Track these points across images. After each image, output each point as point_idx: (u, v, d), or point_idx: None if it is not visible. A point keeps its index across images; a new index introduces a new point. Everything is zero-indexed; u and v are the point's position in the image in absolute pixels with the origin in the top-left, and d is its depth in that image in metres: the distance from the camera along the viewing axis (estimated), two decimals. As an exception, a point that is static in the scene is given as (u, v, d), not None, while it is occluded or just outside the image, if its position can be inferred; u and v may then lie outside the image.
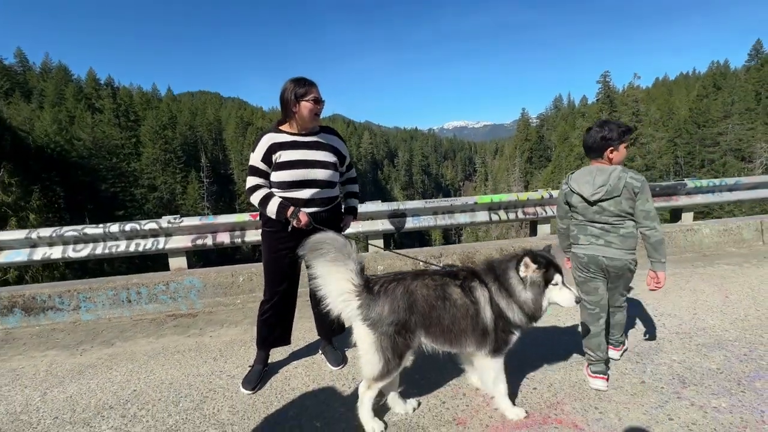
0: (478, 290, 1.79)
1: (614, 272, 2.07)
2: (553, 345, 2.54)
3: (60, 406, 2.16)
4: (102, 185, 40.51)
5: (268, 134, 2.14)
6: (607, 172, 1.98)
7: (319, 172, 2.16)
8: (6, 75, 54.25)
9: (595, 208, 2.02)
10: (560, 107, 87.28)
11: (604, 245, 2.04)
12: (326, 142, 2.22)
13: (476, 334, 1.77)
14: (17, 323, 3.32)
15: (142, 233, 3.69)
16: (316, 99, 2.09)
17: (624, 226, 2.01)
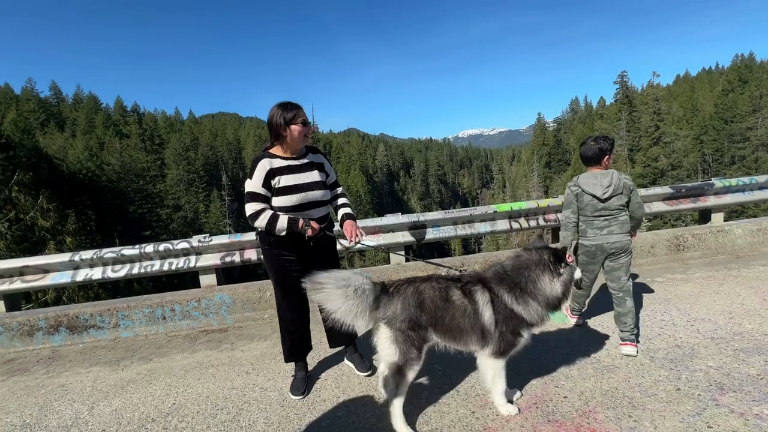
0: (479, 293, 1.91)
1: (616, 251, 2.54)
2: (580, 352, 2.51)
3: (107, 419, 2.29)
4: (130, 207, 42.23)
5: (263, 160, 2.20)
6: (608, 175, 2.50)
7: (315, 194, 2.28)
8: (42, 107, 57.87)
9: (603, 204, 2.49)
10: (577, 110, 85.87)
11: (607, 233, 2.53)
12: (315, 161, 2.34)
13: (476, 332, 1.90)
14: (62, 341, 3.52)
15: (175, 252, 3.87)
16: (304, 121, 2.19)
17: (622, 215, 2.53)
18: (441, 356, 2.57)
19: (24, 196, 12.74)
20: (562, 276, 1.90)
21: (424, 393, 2.22)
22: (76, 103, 64.88)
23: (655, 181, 36.75)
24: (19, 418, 2.39)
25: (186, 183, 48.61)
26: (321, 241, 2.29)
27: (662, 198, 4.60)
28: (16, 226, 11.89)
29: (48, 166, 33.12)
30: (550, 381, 2.23)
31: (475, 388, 2.22)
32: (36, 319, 3.52)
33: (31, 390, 2.76)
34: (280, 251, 2.25)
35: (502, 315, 1.88)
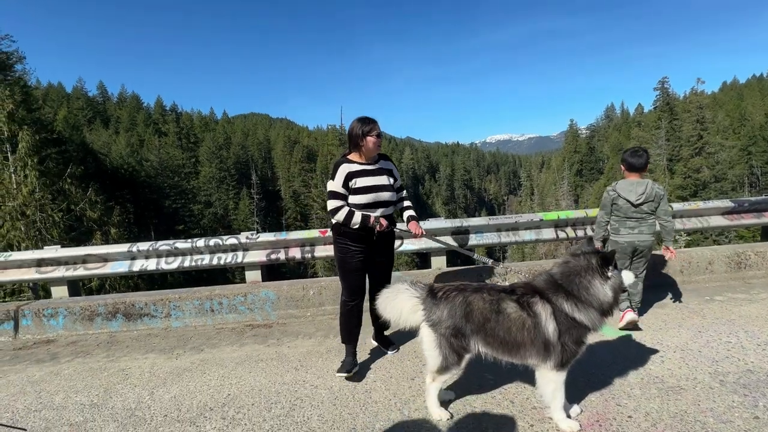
0: (539, 305, 1.88)
1: (642, 249, 2.98)
2: (639, 370, 2.40)
3: (167, 405, 2.39)
4: (165, 201, 44.14)
5: (343, 165, 2.59)
6: (643, 184, 2.91)
7: (384, 195, 2.64)
8: (90, 105, 61.54)
9: (635, 208, 2.91)
10: (613, 117, 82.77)
11: (638, 233, 2.95)
12: (385, 167, 2.72)
13: (536, 346, 1.87)
14: (119, 327, 3.71)
15: (224, 248, 4.01)
16: (378, 134, 2.59)
17: (650, 219, 2.95)
18: (491, 365, 2.53)
19: (75, 189, 13.58)
20: (611, 280, 1.86)
21: (477, 402, 2.19)
22: (121, 102, 68.66)
23: (696, 194, 34.84)
24: (86, 398, 2.54)
25: (218, 180, 50.33)
26: (382, 236, 2.67)
27: (722, 212, 4.35)
28: (67, 216, 12.69)
29: (94, 161, 35.18)
30: (610, 398, 2.14)
31: (530, 401, 2.16)
32: (96, 305, 3.73)
33: (95, 372, 2.92)
34: (346, 241, 2.63)
35: (564, 326, 1.85)
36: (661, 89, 46.06)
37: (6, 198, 11.68)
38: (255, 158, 64.19)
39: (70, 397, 2.56)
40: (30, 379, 2.88)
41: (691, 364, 2.45)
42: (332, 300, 3.83)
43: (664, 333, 2.91)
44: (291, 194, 58.26)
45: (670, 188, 37.73)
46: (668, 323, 3.08)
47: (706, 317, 3.15)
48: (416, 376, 2.51)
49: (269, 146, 72.44)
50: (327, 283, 3.87)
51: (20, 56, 20.31)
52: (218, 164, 51.58)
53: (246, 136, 70.56)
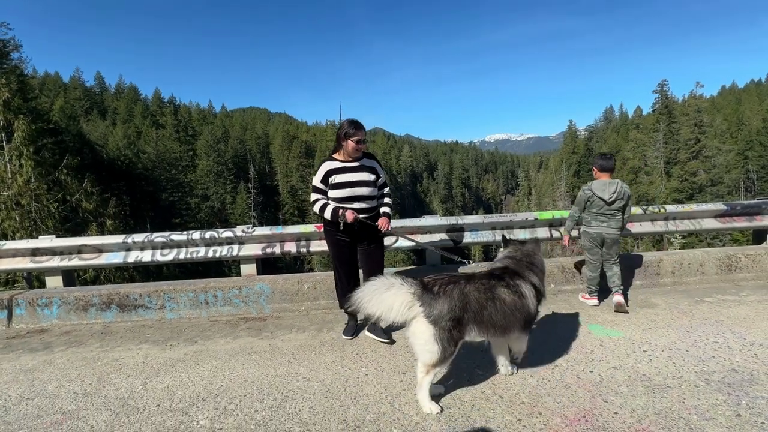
0: (523, 286, 2.17)
1: (610, 241, 3.41)
2: (627, 368, 2.44)
3: (160, 395, 2.41)
4: (162, 194, 43.92)
5: (325, 162, 2.89)
6: (614, 184, 3.30)
7: (362, 189, 2.86)
8: (87, 95, 61.01)
9: (607, 207, 3.29)
10: (611, 119, 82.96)
11: (606, 227, 3.36)
12: (367, 165, 2.92)
13: (521, 322, 2.17)
14: (113, 318, 3.72)
15: (219, 240, 4.02)
16: (358, 140, 2.81)
17: (618, 215, 3.34)
18: (483, 361, 2.58)
19: (71, 179, 13.50)
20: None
21: (466, 396, 2.22)
22: (118, 93, 68.09)
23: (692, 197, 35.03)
24: (80, 386, 2.55)
25: (215, 174, 50.12)
26: (367, 228, 2.88)
27: (714, 215, 4.40)
28: (62, 207, 12.62)
29: (90, 152, 34.93)
30: (598, 395, 2.18)
31: (519, 396, 2.20)
32: (91, 295, 3.74)
33: (88, 362, 2.93)
34: (335, 232, 2.90)
35: (537, 297, 2.25)
36: (660, 92, 46.18)
37: (1, 187, 11.60)
38: (253, 152, 63.91)
39: (63, 386, 2.57)
40: (23, 367, 2.89)
41: (678, 363, 2.49)
42: (327, 294, 3.85)
43: (653, 332, 2.95)
44: (288, 189, 58.12)
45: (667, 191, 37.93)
46: (658, 323, 3.12)
47: (695, 318, 3.19)
48: (408, 370, 2.54)
49: (268, 141, 72.14)
50: (322, 277, 3.88)
51: (16, 44, 20.09)
52: (216, 158, 51.34)
53: (244, 130, 70.23)
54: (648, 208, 4.32)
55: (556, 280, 4.04)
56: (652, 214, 4.31)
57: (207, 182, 49.08)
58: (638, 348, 2.72)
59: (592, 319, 3.27)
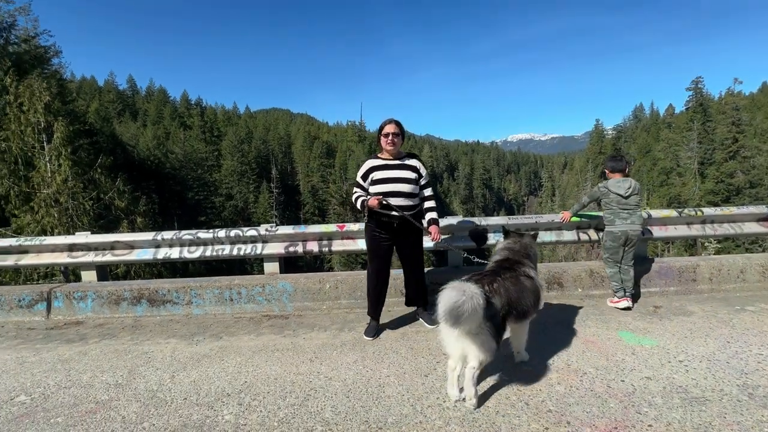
0: (531, 271, 2.41)
1: (634, 237, 3.42)
2: (662, 378, 2.32)
3: (187, 388, 2.47)
4: (189, 193, 45.42)
5: (369, 159, 3.07)
6: (628, 181, 3.45)
7: (402, 186, 2.96)
8: (120, 98, 63.80)
9: (625, 201, 3.40)
10: (641, 118, 79.85)
11: (630, 223, 3.40)
12: (409, 164, 3.04)
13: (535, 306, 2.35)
14: (143, 312, 3.86)
15: (244, 239, 4.10)
16: (386, 134, 2.97)
17: (638, 210, 3.44)
18: (507, 366, 2.52)
19: (104, 178, 14.14)
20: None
21: (491, 402, 2.17)
22: (149, 95, 70.87)
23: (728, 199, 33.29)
24: (112, 378, 2.65)
25: (239, 174, 51.37)
26: (407, 226, 2.99)
27: (757, 218, 4.14)
28: (96, 204, 13.23)
29: (122, 152, 36.50)
30: (630, 406, 2.08)
31: (546, 404, 2.13)
32: (122, 290, 3.89)
33: (120, 354, 3.04)
34: (374, 227, 3.03)
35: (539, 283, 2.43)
36: (694, 89, 44.13)
37: (41, 186, 12.27)
38: (275, 152, 65.13)
39: (97, 377, 2.67)
40: (60, 357, 3.03)
41: (718, 375, 2.35)
42: (348, 294, 3.86)
43: (689, 342, 2.80)
44: (309, 189, 58.92)
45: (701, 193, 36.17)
46: (694, 332, 2.96)
47: (735, 327, 3.01)
48: (430, 373, 2.51)
49: (289, 141, 73.35)
50: (343, 277, 3.90)
51: (57, 50, 21.19)
52: (240, 158, 52.63)
53: (267, 131, 71.67)
54: (684, 211, 4.12)
55: (584, 285, 3.90)
56: (688, 217, 4.10)
57: (231, 181, 50.37)
58: (673, 358, 2.58)
59: (623, 325, 3.14)
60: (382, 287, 3.15)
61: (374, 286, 3.13)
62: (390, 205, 2.91)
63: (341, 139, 72.67)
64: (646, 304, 3.61)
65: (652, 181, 47.36)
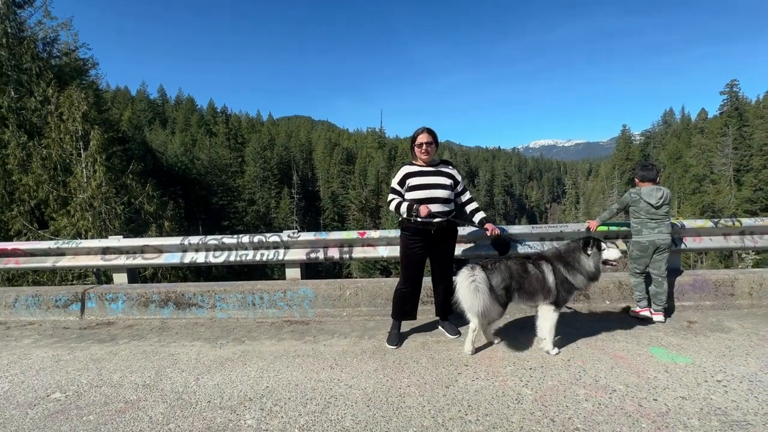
0: (544, 265, 2.82)
1: (663, 246, 3.35)
2: (698, 399, 2.19)
3: (211, 391, 2.51)
4: (213, 198, 46.75)
5: (405, 166, 3.10)
6: (661, 190, 3.37)
7: (439, 192, 3.01)
8: (150, 107, 66.67)
9: (654, 210, 3.34)
10: (671, 123, 76.94)
11: (658, 232, 3.35)
12: (444, 170, 3.09)
13: (543, 291, 2.79)
14: (170, 315, 3.98)
15: (267, 244, 4.17)
16: (420, 144, 3.02)
17: (666, 220, 3.38)
18: (532, 380, 2.45)
19: (135, 184, 14.76)
20: (591, 256, 2.79)
21: (515, 417, 2.11)
22: (177, 104, 73.77)
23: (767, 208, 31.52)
24: (140, 378, 2.74)
25: (261, 180, 52.56)
26: (443, 233, 3.05)
27: (801, 229, 3.89)
28: (127, 209, 13.82)
29: (152, 159, 38.02)
30: (663, 427, 1.98)
31: (573, 421, 2.05)
32: (151, 292, 4.02)
33: (148, 355, 3.14)
34: (410, 235, 3.04)
35: (559, 279, 2.79)
36: (729, 93, 42.25)
37: (78, 190, 12.91)
38: (297, 159, 66.34)
39: (126, 377, 2.77)
40: (93, 356, 3.16)
41: (761, 397, 2.21)
42: (368, 302, 3.86)
43: (728, 360, 2.65)
44: (329, 195, 59.60)
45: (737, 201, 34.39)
46: (733, 350, 2.80)
47: (779, 346, 2.83)
48: (451, 384, 2.47)
49: (310, 147, 74.60)
50: (364, 284, 3.91)
51: (94, 62, 22.36)
52: (262, 164, 53.88)
53: (289, 138, 73.16)
54: (720, 221, 3.92)
55: (612, 297, 3.77)
56: (724, 228, 3.90)
57: (253, 187, 51.57)
58: (710, 377, 2.45)
59: (655, 341, 3.00)
60: (417, 294, 3.19)
61: (411, 293, 3.14)
62: (433, 212, 2.95)
63: (361, 146, 73.33)
64: (680, 319, 3.45)
65: (683, 188, 45.42)
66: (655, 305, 3.38)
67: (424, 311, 3.54)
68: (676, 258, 3.91)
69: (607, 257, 2.82)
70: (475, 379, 2.52)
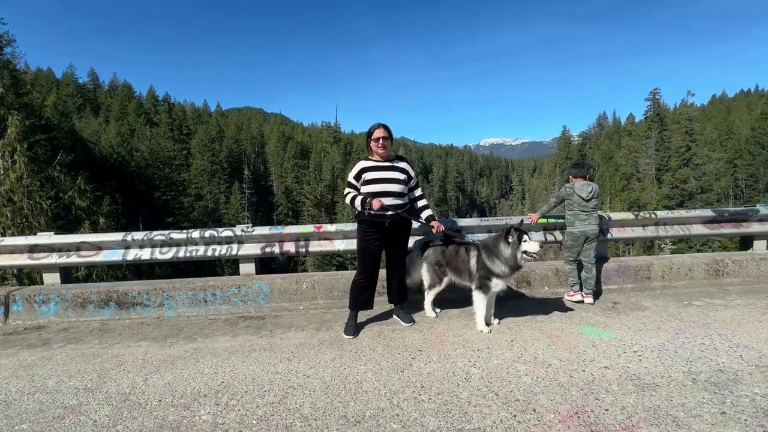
0: (472, 251, 3.25)
1: (592, 236, 3.77)
2: (618, 368, 2.52)
3: (161, 390, 2.43)
4: (155, 193, 43.50)
5: (361, 161, 3.22)
6: (590, 186, 3.77)
7: (393, 186, 3.15)
8: (80, 92, 60.36)
9: (585, 203, 3.73)
10: (604, 125, 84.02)
11: (588, 224, 3.75)
12: (398, 166, 3.23)
13: (467, 273, 3.24)
14: (111, 315, 3.73)
15: (219, 239, 4.04)
16: (377, 138, 3.14)
17: (595, 212, 3.78)
18: (479, 360, 2.65)
19: (64, 177, 13.38)
20: (510, 244, 3.05)
21: (463, 393, 2.28)
22: (112, 90, 67.45)
23: (682, 203, 35.61)
24: (80, 382, 2.57)
25: (209, 174, 49.80)
26: (396, 225, 3.21)
27: (703, 221, 4.53)
28: (55, 204, 12.49)
29: (83, 149, 34.54)
30: (590, 393, 2.26)
31: (514, 393, 2.26)
32: (89, 292, 3.74)
33: (88, 358, 2.94)
34: (366, 228, 3.17)
35: (480, 264, 3.16)
36: (652, 100, 46.93)
37: (-7, 183, 11.47)
38: (248, 152, 63.64)
39: (64, 382, 2.58)
40: (22, 363, 2.90)
41: (667, 363, 2.58)
42: (325, 294, 3.90)
43: (643, 334, 3.04)
44: (283, 190, 57.93)
45: (658, 197, 38.49)
46: (648, 325, 3.22)
47: (683, 320, 3.29)
48: (406, 368, 2.60)
49: (263, 141, 71.86)
50: (320, 277, 3.93)
51: (10, 39, 19.83)
52: (210, 157, 51.03)
53: (239, 130, 69.90)
54: (640, 214, 4.44)
55: (550, 283, 4.13)
56: (643, 219, 4.43)
57: (201, 181, 48.73)
58: (629, 349, 2.80)
59: (585, 320, 3.36)
60: (374, 284, 3.32)
61: (367, 284, 3.25)
62: (385, 206, 3.08)
63: (316, 140, 72.02)
64: (606, 301, 3.87)
65: (614, 185, 49.91)
66: (586, 289, 3.78)
67: (379, 302, 3.65)
68: (603, 247, 4.37)
69: (527, 249, 3.02)
70: (428, 362, 2.68)
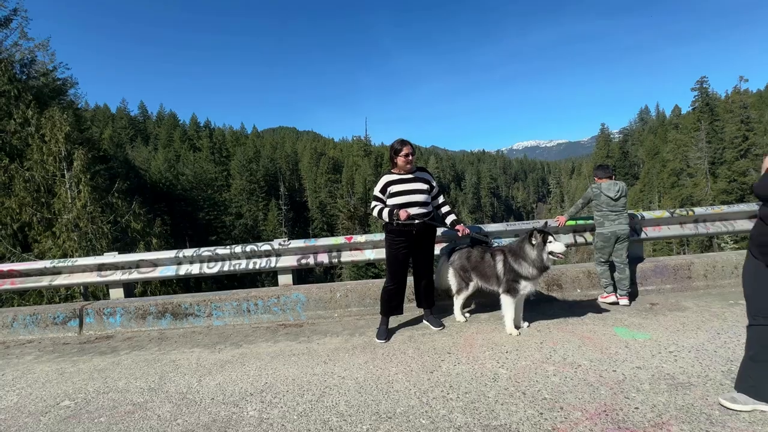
0: (497, 256, 3.31)
1: (623, 236, 3.70)
2: (651, 368, 2.49)
3: (213, 390, 2.70)
4: (199, 214, 46.22)
5: (385, 175, 3.39)
6: (618, 185, 3.73)
7: (417, 197, 3.31)
8: (132, 124, 65.84)
9: (614, 203, 3.69)
10: (647, 120, 79.50)
11: (618, 224, 3.69)
12: (421, 177, 3.39)
13: (494, 278, 3.30)
14: (167, 325, 4.13)
15: (259, 253, 4.37)
16: (405, 155, 3.29)
17: (625, 212, 3.74)
18: (507, 362, 2.71)
19: (121, 202, 14.70)
20: (535, 246, 3.07)
21: (491, 392, 2.36)
22: (159, 120, 73.01)
23: (742, 198, 32.84)
24: (145, 383, 2.90)
25: (248, 192, 52.29)
26: (422, 233, 3.35)
27: (748, 216, 4.28)
28: (114, 228, 13.74)
29: (136, 176, 37.55)
30: (619, 392, 2.26)
31: (542, 392, 2.31)
32: (148, 305, 4.17)
33: (150, 363, 3.30)
34: (394, 237, 3.33)
35: (507, 268, 3.20)
36: (699, 89, 44.00)
37: (62, 212, 12.82)
38: (283, 170, 66.21)
39: (131, 383, 2.93)
40: (96, 367, 3.30)
41: (705, 363, 2.51)
42: (357, 302, 4.09)
43: (681, 334, 2.96)
44: (317, 205, 59.55)
45: (714, 192, 35.70)
46: (687, 325, 3.12)
47: (726, 320, 3.16)
48: (435, 369, 2.71)
49: (296, 158, 74.56)
50: (353, 286, 4.13)
51: (73, 82, 22.20)
52: (248, 177, 53.67)
53: (274, 149, 73.01)
54: (675, 211, 4.28)
55: (582, 285, 4.07)
56: (680, 217, 4.27)
57: (240, 200, 51.25)
58: (664, 349, 2.75)
59: (619, 322, 3.31)
60: (402, 290, 3.47)
61: (397, 290, 3.40)
62: (411, 215, 3.25)
63: (347, 155, 73.61)
64: (643, 302, 3.77)
65: (662, 182, 46.89)
66: (620, 290, 3.70)
67: (410, 308, 3.79)
68: (637, 247, 4.25)
69: (552, 249, 3.04)
70: (457, 364, 2.77)
